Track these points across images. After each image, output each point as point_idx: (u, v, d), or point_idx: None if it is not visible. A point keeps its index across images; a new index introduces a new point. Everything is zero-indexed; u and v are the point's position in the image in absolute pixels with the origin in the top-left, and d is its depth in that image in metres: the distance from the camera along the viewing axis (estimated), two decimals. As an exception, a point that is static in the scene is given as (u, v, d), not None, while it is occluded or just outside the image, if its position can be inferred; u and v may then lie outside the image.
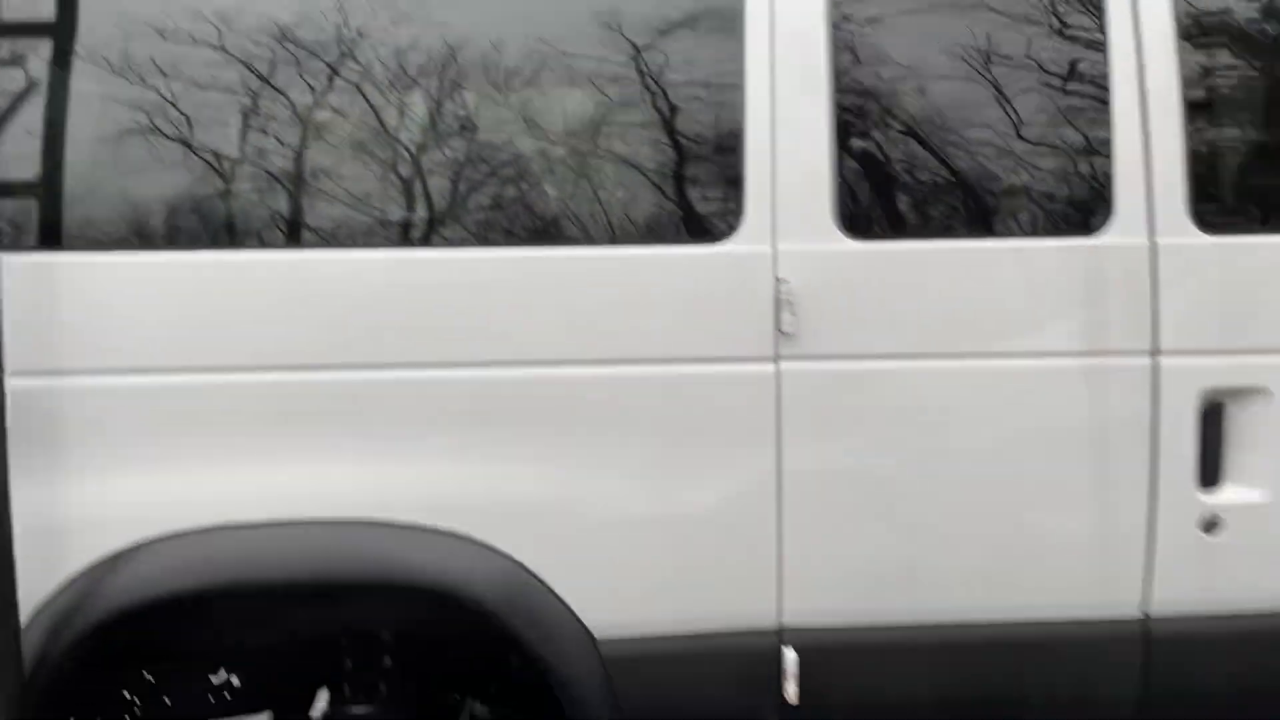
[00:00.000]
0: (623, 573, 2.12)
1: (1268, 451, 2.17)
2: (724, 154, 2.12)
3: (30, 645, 1.98)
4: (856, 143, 2.16)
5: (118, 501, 2.04)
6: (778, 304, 2.07)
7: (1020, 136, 2.18)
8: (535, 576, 2.10)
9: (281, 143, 2.07)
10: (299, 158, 2.09)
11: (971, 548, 2.16)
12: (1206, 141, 2.21)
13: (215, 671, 2.59)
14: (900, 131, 2.18)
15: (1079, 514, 2.16)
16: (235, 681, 2.61)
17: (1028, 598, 2.17)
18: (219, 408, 2.06)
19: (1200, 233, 2.15)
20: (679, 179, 2.14)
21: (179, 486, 2.06)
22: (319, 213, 2.10)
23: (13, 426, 1.89)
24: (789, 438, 2.11)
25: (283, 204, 2.11)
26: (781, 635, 2.14)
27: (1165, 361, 2.15)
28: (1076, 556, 2.17)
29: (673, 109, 2.13)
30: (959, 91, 2.17)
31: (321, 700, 2.72)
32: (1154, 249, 2.14)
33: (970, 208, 2.20)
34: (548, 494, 2.10)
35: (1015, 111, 2.17)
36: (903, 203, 2.21)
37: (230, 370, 2.06)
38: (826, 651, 2.14)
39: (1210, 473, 2.18)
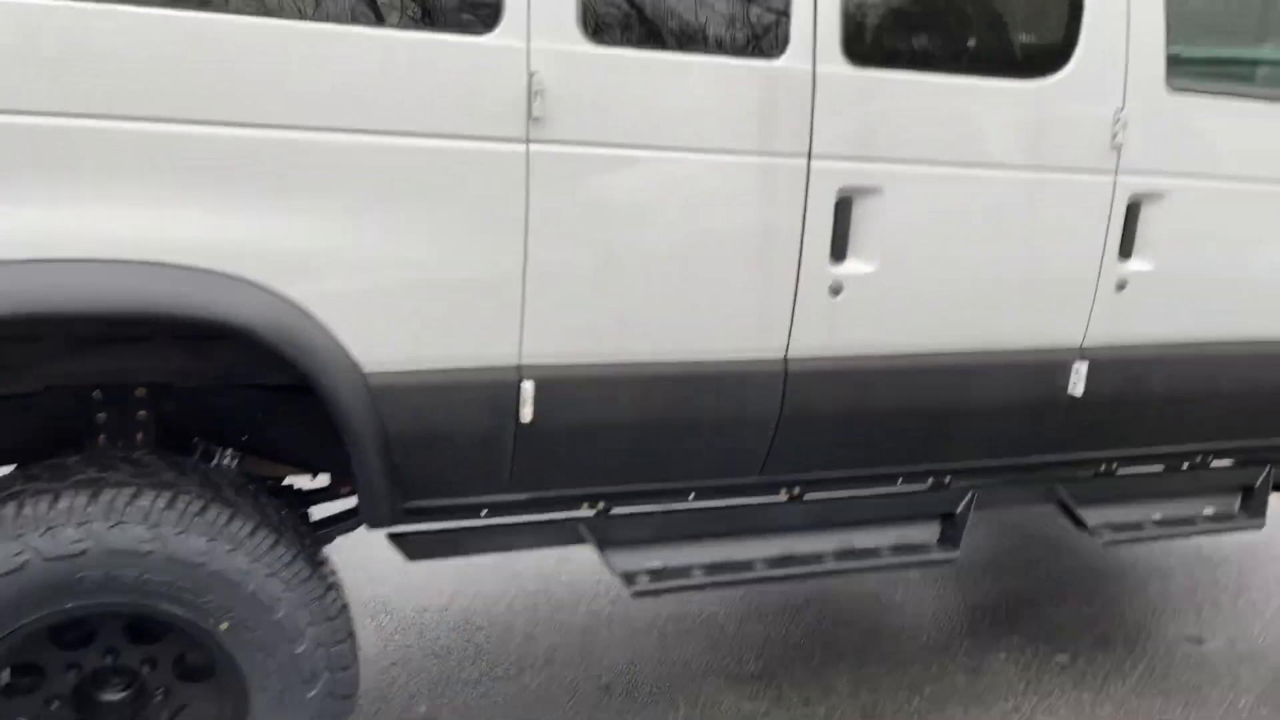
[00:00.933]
0: (390, 316, 2.42)
1: (877, 235, 2.80)
2: None
3: None
4: (598, -37, 2.48)
5: None
6: (530, 93, 2.41)
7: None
8: (310, 316, 2.35)
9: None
10: None
11: (669, 304, 2.66)
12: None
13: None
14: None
15: (747, 279, 2.71)
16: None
17: (706, 344, 2.73)
18: None
19: (849, 65, 2.69)
20: None
21: None
22: None
23: None
24: (534, 210, 2.47)
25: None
26: (521, 371, 2.58)
27: (815, 164, 2.68)
28: (743, 313, 2.74)
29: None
30: None
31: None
32: (814, 75, 2.66)
33: (683, 28, 2.58)
34: (322, 246, 2.33)
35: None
36: (632, 18, 2.54)
37: None
38: (556, 383, 2.59)
39: (839, 250, 2.79)
